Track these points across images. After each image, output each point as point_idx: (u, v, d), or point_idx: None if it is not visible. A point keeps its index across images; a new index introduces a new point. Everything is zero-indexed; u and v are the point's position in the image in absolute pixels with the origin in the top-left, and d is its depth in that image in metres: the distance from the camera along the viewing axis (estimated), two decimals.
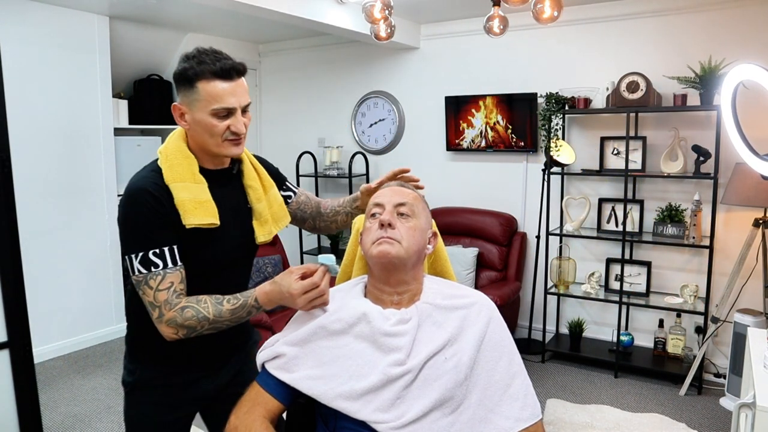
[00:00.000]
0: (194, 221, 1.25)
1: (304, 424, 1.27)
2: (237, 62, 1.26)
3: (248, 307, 1.26)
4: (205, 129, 1.26)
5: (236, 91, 1.25)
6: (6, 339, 1.89)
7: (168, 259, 1.23)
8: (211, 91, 1.22)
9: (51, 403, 3.05)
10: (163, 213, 1.23)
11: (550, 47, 3.70)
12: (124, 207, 1.26)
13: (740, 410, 1.59)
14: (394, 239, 1.20)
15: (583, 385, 3.29)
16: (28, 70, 3.43)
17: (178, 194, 1.25)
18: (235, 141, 1.29)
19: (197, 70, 1.22)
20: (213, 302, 1.24)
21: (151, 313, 1.23)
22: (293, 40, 4.79)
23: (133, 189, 1.25)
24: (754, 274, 3.02)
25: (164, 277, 1.22)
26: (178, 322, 1.21)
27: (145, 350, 1.39)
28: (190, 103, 1.25)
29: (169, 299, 1.22)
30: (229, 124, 1.26)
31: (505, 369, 1.17)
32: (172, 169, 1.28)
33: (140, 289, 1.23)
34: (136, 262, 1.22)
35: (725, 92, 2.47)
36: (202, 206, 1.27)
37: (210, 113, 1.24)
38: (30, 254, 2.74)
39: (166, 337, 1.23)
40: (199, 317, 1.22)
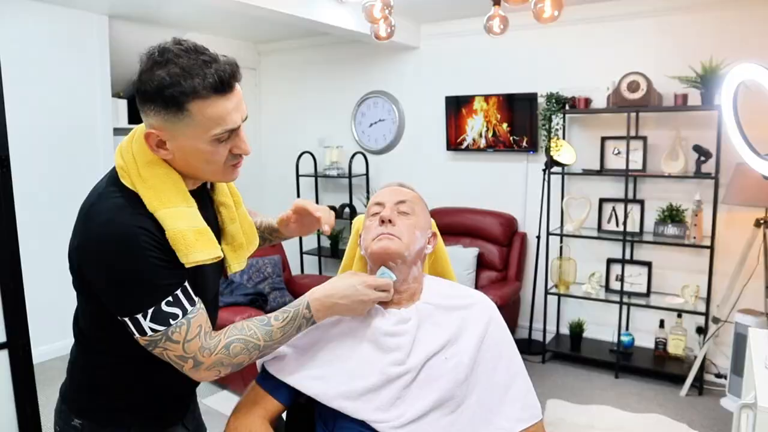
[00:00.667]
0: (199, 257, 0.97)
1: (303, 424, 1.27)
2: (232, 64, 0.95)
3: (299, 318, 1.07)
4: (200, 159, 0.97)
5: (237, 103, 0.96)
6: (5, 339, 1.89)
7: (185, 303, 0.97)
8: (210, 113, 0.92)
9: (50, 403, 3.02)
10: (163, 251, 0.96)
11: (550, 47, 3.70)
12: (108, 256, 0.93)
13: (741, 411, 1.58)
14: (395, 235, 1.20)
15: (583, 386, 3.28)
16: (27, 70, 3.43)
17: (171, 224, 0.95)
18: (237, 165, 1.03)
19: (185, 87, 0.89)
20: (258, 325, 1.04)
21: (178, 365, 0.99)
22: (293, 40, 4.78)
23: (114, 228, 0.93)
24: (755, 274, 3.01)
25: (190, 325, 0.97)
26: (224, 363, 1.01)
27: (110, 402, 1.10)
28: (176, 129, 0.93)
29: (203, 345, 0.99)
30: (231, 146, 0.98)
31: (506, 369, 1.17)
32: (156, 191, 0.97)
33: (158, 347, 0.96)
34: (146, 322, 0.94)
35: (726, 92, 2.46)
36: (202, 236, 0.99)
37: (209, 140, 0.94)
38: (29, 254, 2.73)
39: (201, 380, 1.04)
40: (249, 348, 1.02)
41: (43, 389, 3.18)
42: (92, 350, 1.10)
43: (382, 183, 2.54)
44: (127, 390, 1.10)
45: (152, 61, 0.92)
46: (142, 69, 0.93)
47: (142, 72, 0.93)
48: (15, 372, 1.91)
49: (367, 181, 4.56)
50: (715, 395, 3.14)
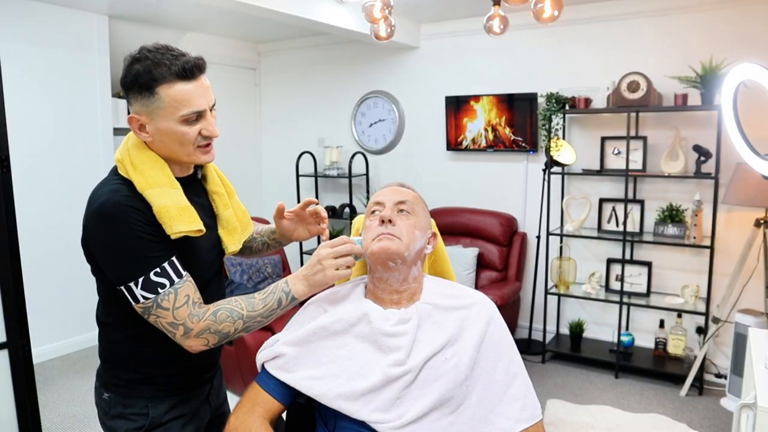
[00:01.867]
0: (181, 228, 1.12)
1: (303, 424, 1.27)
2: (197, 57, 1.13)
3: (278, 292, 1.17)
4: (174, 138, 1.13)
5: (202, 90, 1.13)
6: (5, 339, 1.88)
7: (172, 274, 1.11)
8: (176, 95, 1.09)
9: (50, 403, 3.05)
10: (151, 225, 1.11)
11: (550, 47, 3.70)
12: (103, 230, 1.10)
13: (741, 411, 1.58)
14: (395, 235, 1.20)
15: (583, 386, 3.29)
16: (27, 70, 3.43)
17: (157, 201, 1.11)
18: (208, 147, 1.18)
19: (155, 74, 1.08)
20: (243, 298, 1.16)
21: (171, 332, 1.12)
22: (293, 40, 4.78)
23: (108, 207, 1.09)
24: (755, 274, 3.01)
25: (177, 294, 1.11)
26: (212, 329, 1.12)
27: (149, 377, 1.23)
28: (152, 113, 1.11)
29: (192, 312, 1.12)
30: (200, 128, 1.14)
31: (505, 369, 1.17)
32: (145, 175, 1.13)
33: (151, 314, 1.11)
34: (138, 290, 1.09)
35: (726, 92, 2.46)
36: (185, 212, 1.14)
37: (178, 120, 1.11)
38: (29, 254, 2.74)
39: (192, 350, 1.14)
40: (234, 316, 1.13)
41: (43, 389, 3.19)
42: (108, 328, 1.25)
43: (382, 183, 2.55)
44: (142, 364, 1.22)
45: (131, 59, 1.12)
46: (124, 67, 1.13)
47: (124, 68, 1.13)
48: (15, 372, 1.91)
49: (367, 181, 4.56)
50: (715, 395, 3.14)
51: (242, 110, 4.97)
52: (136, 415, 1.22)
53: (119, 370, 1.24)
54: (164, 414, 1.24)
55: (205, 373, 1.33)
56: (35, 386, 1.99)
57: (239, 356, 2.87)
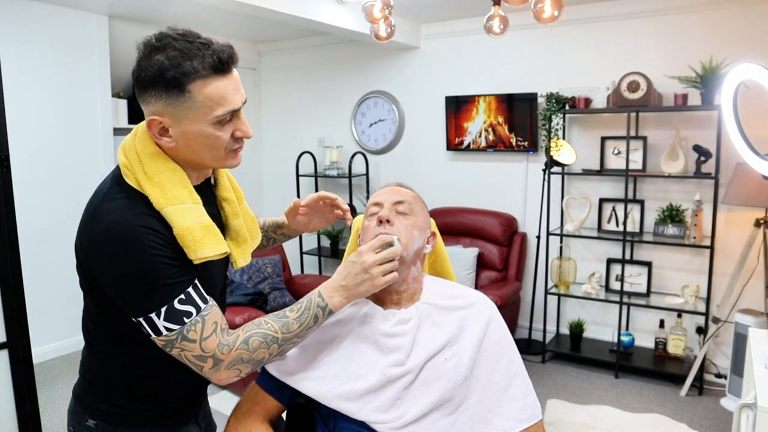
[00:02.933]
0: (207, 253, 0.97)
1: (303, 424, 1.27)
2: (228, 45, 0.96)
3: (313, 308, 1.04)
4: (203, 143, 0.97)
5: (236, 84, 0.97)
6: (5, 339, 1.88)
7: (198, 300, 0.97)
8: (211, 93, 0.92)
9: (50, 403, 3.05)
10: (171, 248, 0.96)
11: (550, 47, 3.70)
12: (115, 256, 0.93)
13: (741, 411, 1.58)
14: (393, 235, 1.20)
15: (583, 386, 3.28)
16: (27, 70, 3.43)
17: (179, 221, 0.95)
18: (238, 150, 1.02)
19: (186, 68, 0.90)
20: (274, 318, 1.03)
21: (197, 366, 0.98)
22: (293, 40, 4.78)
23: (120, 228, 0.93)
24: (755, 274, 3.01)
25: (204, 322, 0.96)
26: (244, 358, 0.99)
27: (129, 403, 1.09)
28: (179, 114, 0.93)
29: (221, 341, 0.98)
30: (233, 129, 0.98)
31: (505, 369, 1.17)
32: (163, 188, 0.96)
33: (175, 347, 0.96)
34: (160, 321, 0.94)
35: (726, 92, 2.46)
36: (209, 232, 0.99)
37: (211, 122, 0.95)
38: (29, 254, 2.73)
39: (222, 383, 1.01)
40: (268, 341, 1.00)
41: (43, 389, 3.19)
42: (103, 352, 1.09)
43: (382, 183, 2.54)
44: (140, 390, 1.09)
45: (150, 48, 0.92)
46: (140, 57, 0.93)
47: (141, 59, 0.93)
48: (15, 372, 1.91)
49: (367, 181, 4.56)
50: (715, 395, 3.14)
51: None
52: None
53: (112, 396, 1.09)
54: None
55: (201, 396, 1.24)
56: (35, 386, 1.98)
57: None
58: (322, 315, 1.06)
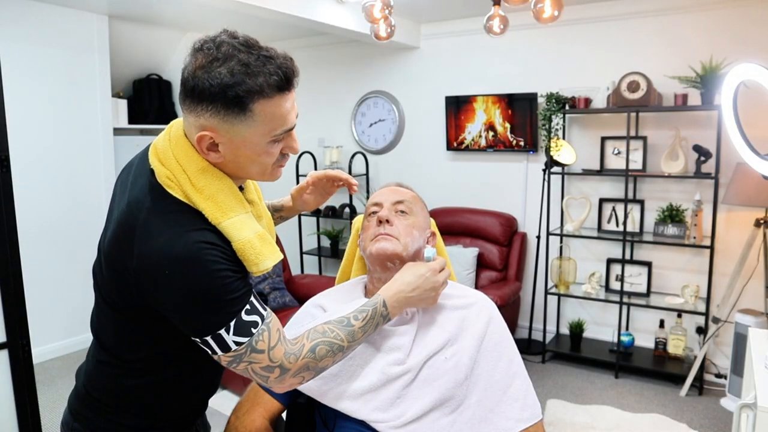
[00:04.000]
0: (269, 264, 0.95)
1: (303, 424, 1.27)
2: (288, 58, 0.90)
3: (377, 317, 1.06)
4: (253, 159, 0.93)
5: (293, 102, 0.93)
6: (5, 339, 1.88)
7: (260, 308, 0.94)
8: (273, 112, 0.88)
9: (50, 403, 3.05)
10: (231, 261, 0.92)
11: (550, 47, 3.70)
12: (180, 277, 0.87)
13: (741, 411, 1.58)
14: (392, 235, 1.20)
15: (583, 386, 3.28)
16: (27, 70, 3.43)
17: (238, 234, 0.92)
18: (284, 164, 1.01)
19: (251, 86, 0.84)
20: (339, 326, 1.02)
21: (263, 377, 0.96)
22: (293, 40, 4.78)
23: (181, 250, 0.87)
24: (755, 274, 3.01)
25: (270, 331, 0.94)
26: (310, 367, 0.98)
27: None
28: (236, 131, 0.88)
29: (287, 350, 0.96)
30: (283, 146, 0.95)
31: (505, 369, 1.17)
32: (217, 202, 0.92)
33: (243, 362, 0.92)
34: (230, 336, 0.90)
35: (726, 92, 2.46)
36: (265, 241, 0.96)
37: (268, 141, 0.91)
38: (29, 254, 2.73)
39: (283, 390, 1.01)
40: (334, 350, 1.00)
41: (43, 389, 3.18)
42: (120, 370, 1.04)
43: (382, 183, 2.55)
44: (154, 408, 1.06)
45: (210, 57, 0.84)
46: (196, 65, 0.85)
47: (198, 68, 0.85)
48: (15, 372, 1.91)
49: (367, 181, 4.56)
50: (715, 395, 3.14)
51: None
52: None
53: (119, 416, 1.04)
54: None
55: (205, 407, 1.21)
56: (35, 386, 1.98)
57: None
58: (382, 323, 1.08)
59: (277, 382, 0.97)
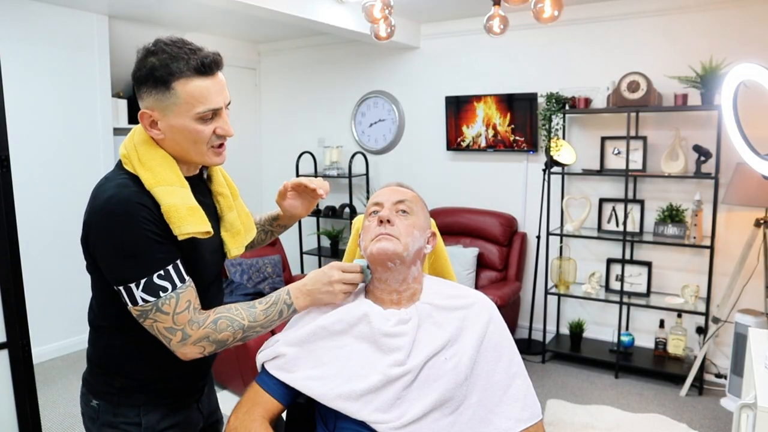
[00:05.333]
0: (190, 229, 1.07)
1: (303, 424, 1.27)
2: (215, 53, 1.09)
3: (279, 303, 1.15)
4: (187, 137, 1.09)
5: (219, 87, 1.09)
6: (5, 339, 1.88)
7: (175, 278, 1.07)
8: (192, 91, 1.05)
9: (50, 403, 3.05)
10: (159, 226, 1.06)
11: (550, 47, 3.70)
12: (109, 227, 1.04)
13: (741, 411, 1.58)
14: (393, 235, 1.20)
15: (583, 386, 3.28)
16: (27, 70, 3.43)
17: (165, 199, 1.06)
18: (221, 147, 1.14)
19: (172, 68, 1.04)
20: (244, 307, 1.14)
21: (167, 338, 1.07)
22: (293, 40, 4.78)
23: (116, 203, 1.04)
24: (755, 274, 3.01)
25: (179, 299, 1.07)
26: (210, 338, 1.09)
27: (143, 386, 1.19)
28: (165, 109, 1.07)
29: (192, 318, 1.08)
30: (214, 127, 1.10)
31: (505, 369, 1.17)
32: (153, 172, 1.08)
33: (149, 318, 1.06)
34: (138, 291, 1.04)
35: (726, 92, 2.46)
36: (194, 213, 1.09)
37: (193, 118, 1.07)
38: (29, 254, 2.74)
39: (185, 358, 1.10)
40: (234, 326, 1.11)
41: (43, 389, 3.18)
42: (103, 331, 1.19)
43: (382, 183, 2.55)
44: (136, 370, 1.17)
45: (146, 51, 1.07)
46: (137, 59, 1.08)
47: (138, 61, 1.08)
48: (15, 372, 1.91)
49: (367, 181, 4.56)
50: (715, 395, 3.14)
51: (242, 110, 4.97)
52: (127, 423, 1.17)
53: (111, 377, 1.18)
54: (157, 423, 1.19)
55: (199, 381, 1.30)
56: (35, 386, 1.98)
57: (239, 356, 2.87)
58: (286, 311, 1.17)
59: (179, 345, 1.08)
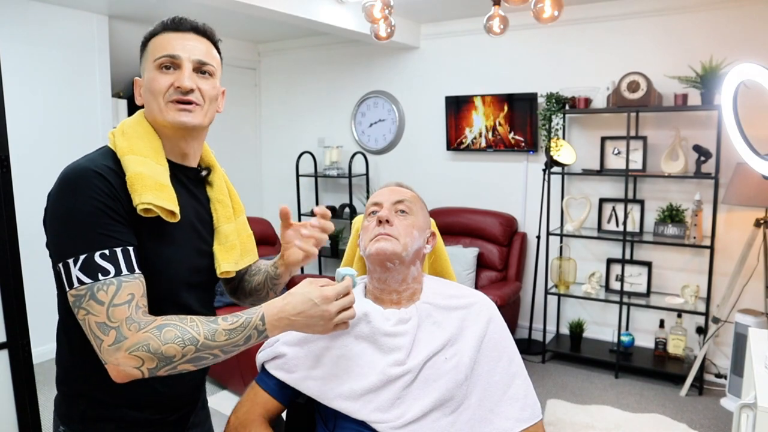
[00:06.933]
0: (149, 198, 0.94)
1: (303, 424, 1.27)
2: (198, 22, 1.11)
3: (249, 327, 0.93)
4: (149, 90, 1.03)
5: (185, 42, 1.05)
6: (5, 339, 1.88)
7: (122, 264, 0.90)
8: (157, 43, 1.04)
9: (50, 403, 3.03)
10: (115, 200, 0.93)
11: (550, 47, 3.70)
12: (56, 196, 0.94)
13: (741, 411, 1.58)
14: (392, 235, 1.20)
15: (583, 386, 3.28)
16: (27, 70, 3.43)
17: (133, 167, 0.96)
18: (182, 105, 1.02)
19: (151, 31, 1.07)
20: (202, 320, 0.93)
21: (98, 338, 0.88)
22: (293, 40, 4.78)
23: (72, 172, 0.94)
24: (755, 274, 3.01)
25: (119, 287, 0.89)
26: (151, 346, 0.87)
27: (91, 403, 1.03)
28: (143, 69, 1.06)
29: (132, 316, 0.89)
30: (172, 80, 1.01)
31: (505, 369, 1.17)
32: (130, 141, 1.00)
33: (81, 307, 0.89)
34: (75, 269, 0.88)
35: (726, 92, 2.46)
36: (163, 189, 0.98)
37: (154, 66, 1.02)
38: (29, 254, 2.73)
39: (120, 376, 0.89)
40: (185, 338, 0.89)
41: (43, 389, 3.18)
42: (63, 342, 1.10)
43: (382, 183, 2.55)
44: (101, 391, 1.01)
45: None
46: None
47: None
48: (15, 372, 1.91)
49: (367, 181, 4.56)
50: (715, 395, 3.14)
51: (242, 110, 4.97)
52: None
53: (75, 399, 1.04)
54: None
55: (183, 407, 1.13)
56: (35, 386, 1.98)
57: (239, 356, 2.87)
58: (255, 337, 0.95)
59: (111, 351, 0.87)
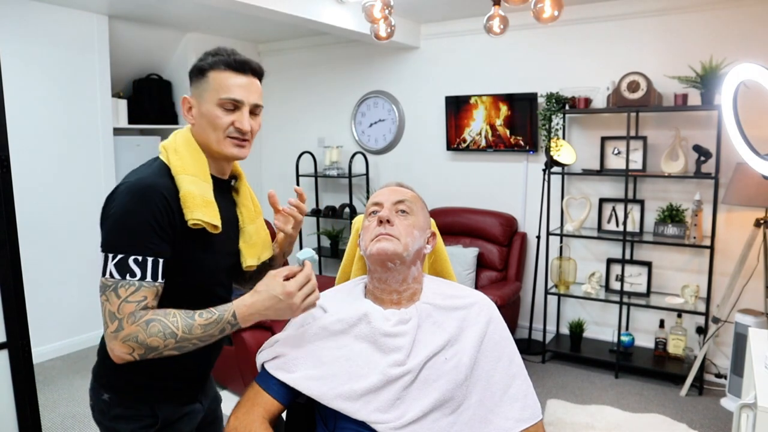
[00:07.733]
0: (199, 216, 1.13)
1: (303, 424, 1.27)
2: (254, 61, 1.22)
3: (223, 322, 1.11)
4: (209, 121, 1.18)
5: (247, 86, 1.20)
6: (5, 339, 1.88)
7: (148, 272, 1.09)
8: (221, 80, 1.17)
9: (50, 403, 3.05)
10: (167, 221, 1.11)
11: (550, 47, 3.70)
12: (125, 201, 1.10)
13: (741, 411, 1.58)
14: (393, 235, 1.20)
15: (583, 386, 3.28)
16: (27, 70, 3.43)
17: (186, 186, 1.14)
18: (238, 141, 1.20)
19: (211, 61, 1.18)
20: (182, 315, 1.10)
21: (106, 324, 1.08)
22: (293, 40, 4.78)
23: (145, 186, 1.11)
24: (755, 274, 3.01)
25: (138, 289, 1.08)
26: (139, 339, 1.06)
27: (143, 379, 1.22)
28: (200, 95, 1.19)
29: (134, 312, 1.07)
30: (233, 119, 1.18)
31: (505, 369, 1.17)
32: (183, 161, 1.17)
33: (104, 294, 1.08)
34: (111, 264, 1.07)
35: (726, 92, 2.46)
36: (209, 206, 1.16)
37: (217, 103, 1.17)
38: (29, 254, 2.73)
39: (116, 357, 1.08)
40: (166, 333, 1.07)
41: (43, 389, 3.18)
42: None
43: (382, 183, 2.56)
44: (148, 366, 1.16)
45: (204, 54, 1.22)
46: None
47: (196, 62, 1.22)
48: (15, 372, 1.91)
49: (367, 181, 4.56)
50: (715, 395, 3.14)
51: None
52: (142, 416, 1.22)
53: (128, 373, 1.19)
54: (172, 414, 1.25)
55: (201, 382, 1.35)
56: (35, 386, 1.99)
57: (239, 356, 2.87)
58: (229, 329, 1.12)
59: (111, 336, 1.07)
